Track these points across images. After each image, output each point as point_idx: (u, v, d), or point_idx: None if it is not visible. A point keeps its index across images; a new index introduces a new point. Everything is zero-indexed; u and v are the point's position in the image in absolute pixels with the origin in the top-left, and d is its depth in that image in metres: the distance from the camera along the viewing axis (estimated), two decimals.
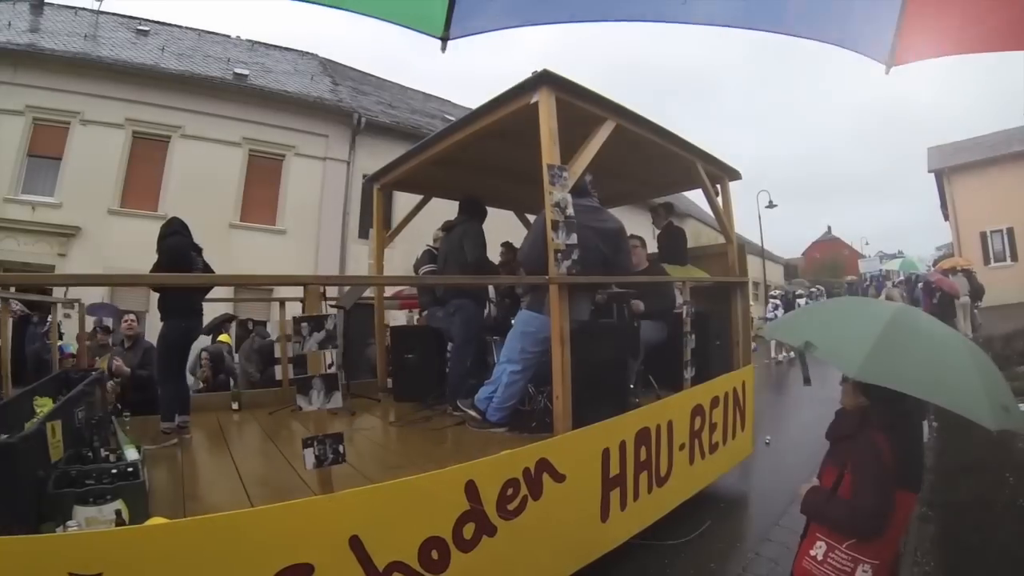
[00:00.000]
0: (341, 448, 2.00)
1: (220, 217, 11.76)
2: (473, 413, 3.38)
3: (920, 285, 12.07)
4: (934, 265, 14.28)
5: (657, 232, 5.07)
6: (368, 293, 4.85)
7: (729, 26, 1.23)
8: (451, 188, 4.73)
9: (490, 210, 4.54)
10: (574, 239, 2.89)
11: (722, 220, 4.56)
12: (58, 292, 7.73)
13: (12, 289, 9.06)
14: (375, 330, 4.99)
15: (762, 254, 21.15)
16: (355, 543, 1.84)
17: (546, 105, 2.97)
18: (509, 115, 3.20)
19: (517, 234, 4.53)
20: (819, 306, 3.03)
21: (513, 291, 4.33)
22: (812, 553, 1.78)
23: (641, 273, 4.17)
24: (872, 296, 14.80)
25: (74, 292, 6.69)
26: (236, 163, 12.33)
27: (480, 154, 4.10)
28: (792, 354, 10.80)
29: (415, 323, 6.59)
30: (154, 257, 3.54)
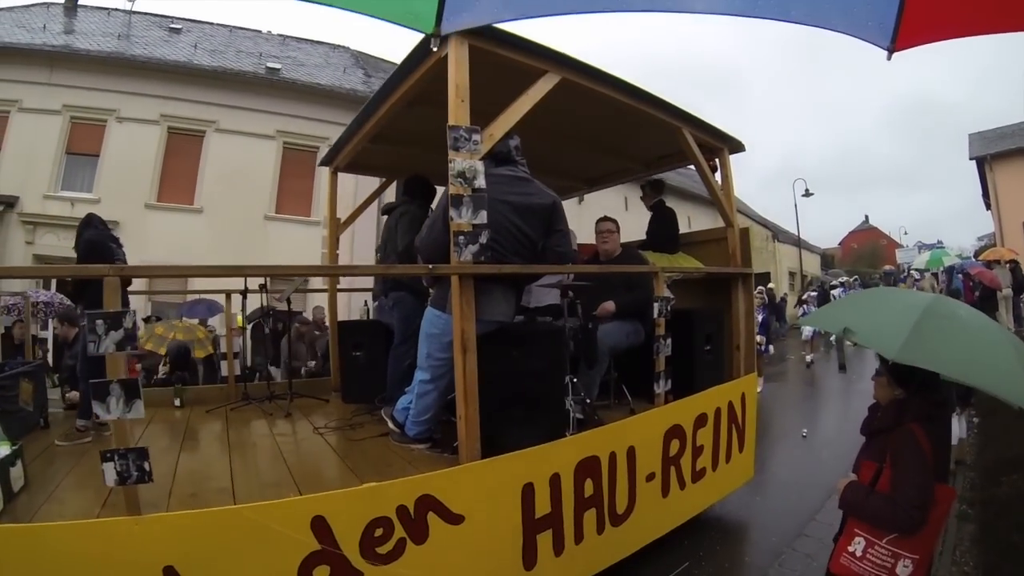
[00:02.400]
0: (147, 465, 1.79)
1: (256, 209, 12.01)
2: (391, 425, 2.90)
3: (960, 276, 11.45)
4: (975, 256, 13.51)
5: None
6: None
7: (731, 15, 1.19)
8: (410, 169, 4.26)
9: None
10: (483, 218, 2.32)
11: (719, 199, 3.79)
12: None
13: (53, 285, 9.62)
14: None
15: (798, 243, 20.57)
16: (170, 574, 1.66)
17: (455, 56, 2.41)
18: (430, 76, 2.67)
19: None
20: (855, 295, 3.24)
21: None
22: (850, 549, 1.75)
23: (613, 262, 3.51)
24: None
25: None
26: (270, 156, 12.47)
27: (436, 130, 3.60)
28: (812, 358, 10.43)
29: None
30: (190, 247, 3.39)
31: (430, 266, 2.25)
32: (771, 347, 8.40)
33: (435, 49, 1.07)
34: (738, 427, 3.64)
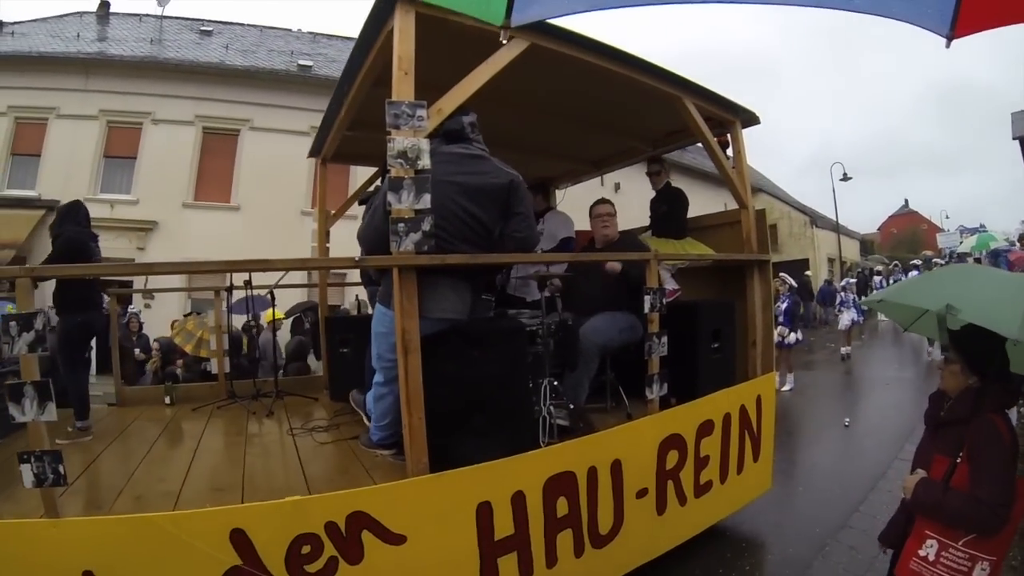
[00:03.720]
0: (61, 468, 1.75)
1: (292, 205, 12.08)
2: (363, 415, 2.70)
3: (1006, 260, 10.45)
4: (1020, 241, 12.65)
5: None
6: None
7: (797, 5, 1.17)
8: None
9: None
10: (426, 202, 2.04)
11: (731, 178, 3.35)
12: (137, 283, 8.37)
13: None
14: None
15: (837, 229, 20.00)
16: None
17: (400, 26, 2.16)
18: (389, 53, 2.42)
19: None
20: (939, 273, 2.81)
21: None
22: (922, 554, 1.65)
23: (611, 249, 3.16)
24: None
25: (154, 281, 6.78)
26: (305, 152, 12.55)
27: None
28: (848, 351, 9.91)
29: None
30: (228, 244, 3.37)
31: (355, 258, 1.99)
32: (798, 335, 7.66)
33: (504, 42, 1.19)
34: (752, 434, 3.22)
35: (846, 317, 9.93)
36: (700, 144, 3.46)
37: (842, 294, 10.40)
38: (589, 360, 2.75)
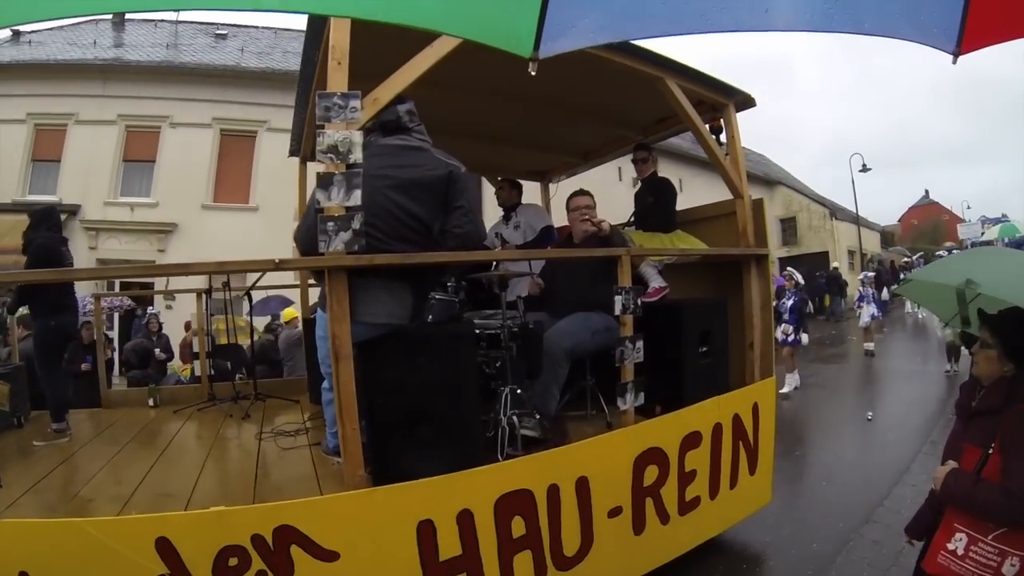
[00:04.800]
0: None
1: None
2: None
3: None
4: None
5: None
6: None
7: (809, 31, 1.19)
8: None
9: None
10: (357, 198, 1.89)
11: (723, 166, 3.07)
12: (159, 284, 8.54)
13: (117, 285, 10.30)
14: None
15: (856, 220, 19.73)
16: None
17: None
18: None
19: None
20: (964, 253, 2.99)
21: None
22: (950, 547, 1.61)
23: (587, 245, 2.92)
24: None
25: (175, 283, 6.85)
26: None
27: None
28: (872, 347, 9.53)
29: None
30: (247, 245, 3.36)
31: (276, 260, 1.84)
32: (805, 337, 7.25)
33: (533, 74, 1.11)
34: (748, 445, 2.95)
35: (866, 313, 9.46)
36: (686, 129, 3.22)
37: (861, 288, 9.83)
38: (556, 366, 2.54)
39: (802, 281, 7.58)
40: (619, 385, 2.38)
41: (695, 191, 7.22)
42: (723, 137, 3.19)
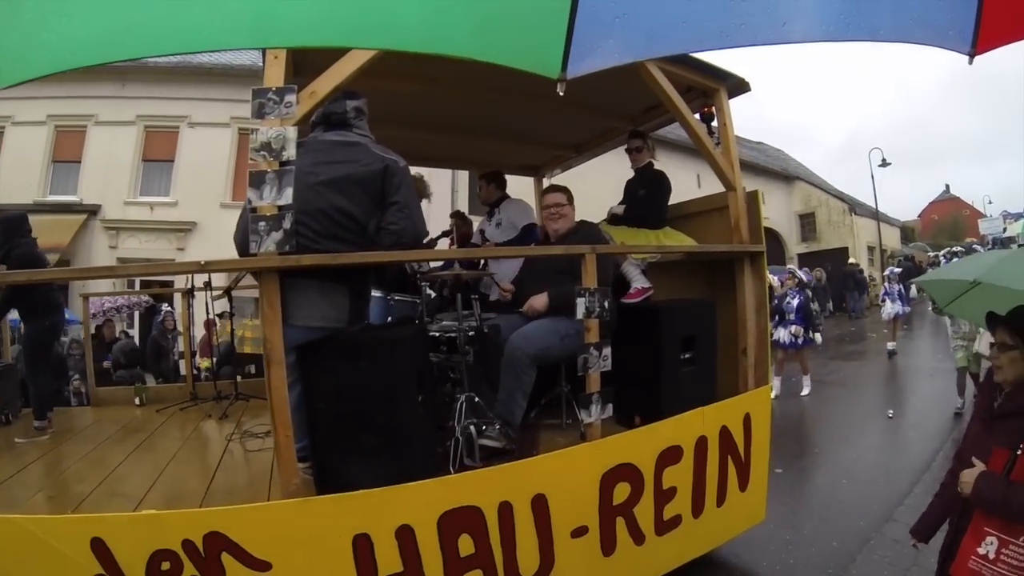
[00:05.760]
0: None
1: None
2: None
3: None
4: None
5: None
6: None
7: (825, 41, 1.24)
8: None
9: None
10: (288, 197, 1.78)
11: (713, 156, 2.84)
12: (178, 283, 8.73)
13: (137, 283, 10.52)
14: None
15: (876, 216, 19.18)
16: None
17: None
18: None
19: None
20: (981, 254, 2.97)
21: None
22: (981, 552, 1.56)
23: (565, 240, 2.74)
24: None
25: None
26: None
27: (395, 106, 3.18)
28: (894, 346, 9.03)
29: None
30: None
31: (202, 261, 1.76)
32: (818, 336, 6.92)
33: (561, 94, 1.15)
34: (739, 460, 2.72)
35: (889, 308, 8.98)
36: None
37: (886, 284, 9.35)
38: (520, 372, 2.37)
39: (805, 279, 7.22)
40: (582, 396, 2.20)
41: (716, 187, 6.89)
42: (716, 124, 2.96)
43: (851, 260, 16.54)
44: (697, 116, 2.96)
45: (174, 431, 3.36)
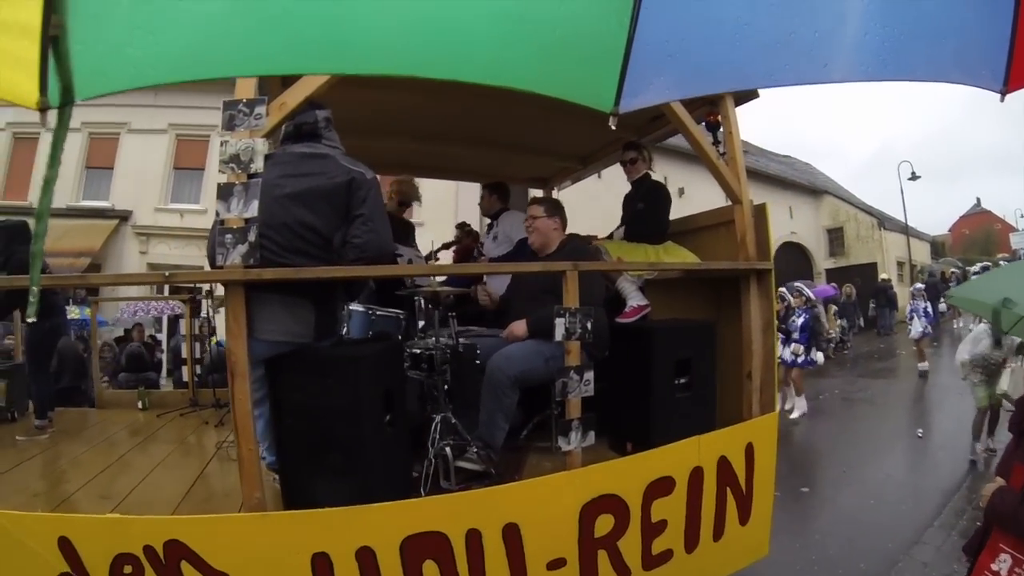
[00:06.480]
0: None
1: None
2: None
3: None
4: None
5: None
6: None
7: (864, 81, 1.29)
8: (382, 163, 3.77)
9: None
10: (255, 209, 1.78)
11: (718, 167, 2.70)
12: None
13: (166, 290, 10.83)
14: None
15: (906, 230, 18.85)
16: None
17: None
18: None
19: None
20: (1006, 268, 2.94)
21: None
22: (994, 568, 1.59)
23: (550, 257, 2.63)
24: None
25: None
26: None
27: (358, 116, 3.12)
28: (926, 367, 8.71)
29: None
30: None
31: (166, 273, 1.75)
32: (819, 356, 6.75)
33: (613, 127, 1.23)
34: (739, 492, 2.54)
35: (917, 326, 8.63)
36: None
37: (912, 301, 8.99)
38: (501, 394, 2.26)
39: (813, 297, 7.01)
40: (562, 422, 2.08)
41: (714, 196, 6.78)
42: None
43: (883, 275, 16.02)
44: (703, 124, 2.84)
45: (169, 436, 3.39)
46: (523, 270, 2.49)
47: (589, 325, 2.05)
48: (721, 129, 2.83)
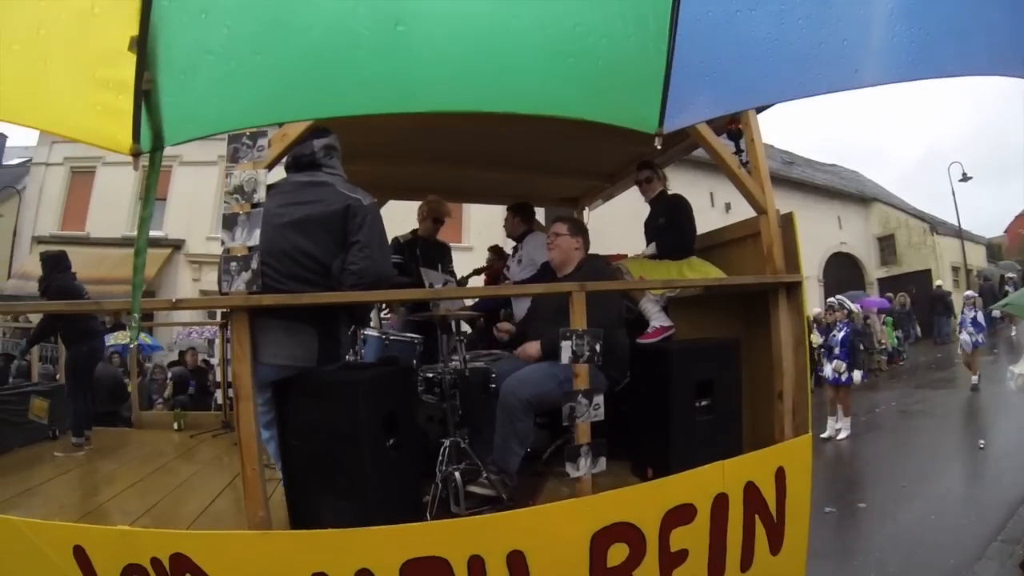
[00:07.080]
0: None
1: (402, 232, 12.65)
2: None
3: None
4: None
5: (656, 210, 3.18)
6: None
7: (896, 82, 1.32)
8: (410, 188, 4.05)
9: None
10: (257, 238, 1.85)
11: (739, 177, 2.59)
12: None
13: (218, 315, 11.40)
14: None
15: (959, 234, 17.60)
16: None
17: None
18: None
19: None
20: None
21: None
22: None
23: (568, 277, 2.57)
24: None
25: None
26: None
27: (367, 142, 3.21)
28: (977, 379, 8.10)
29: None
30: None
31: (171, 300, 1.83)
32: (858, 374, 6.31)
33: (659, 147, 1.33)
34: (769, 520, 2.36)
35: (965, 339, 8.05)
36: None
37: (964, 311, 8.35)
38: (514, 419, 2.20)
39: (856, 310, 6.58)
40: (570, 448, 2.00)
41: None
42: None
43: (938, 283, 15.07)
44: (723, 135, 2.75)
45: (199, 456, 3.53)
46: (526, 293, 2.47)
47: (598, 347, 1.98)
48: (743, 137, 2.73)
